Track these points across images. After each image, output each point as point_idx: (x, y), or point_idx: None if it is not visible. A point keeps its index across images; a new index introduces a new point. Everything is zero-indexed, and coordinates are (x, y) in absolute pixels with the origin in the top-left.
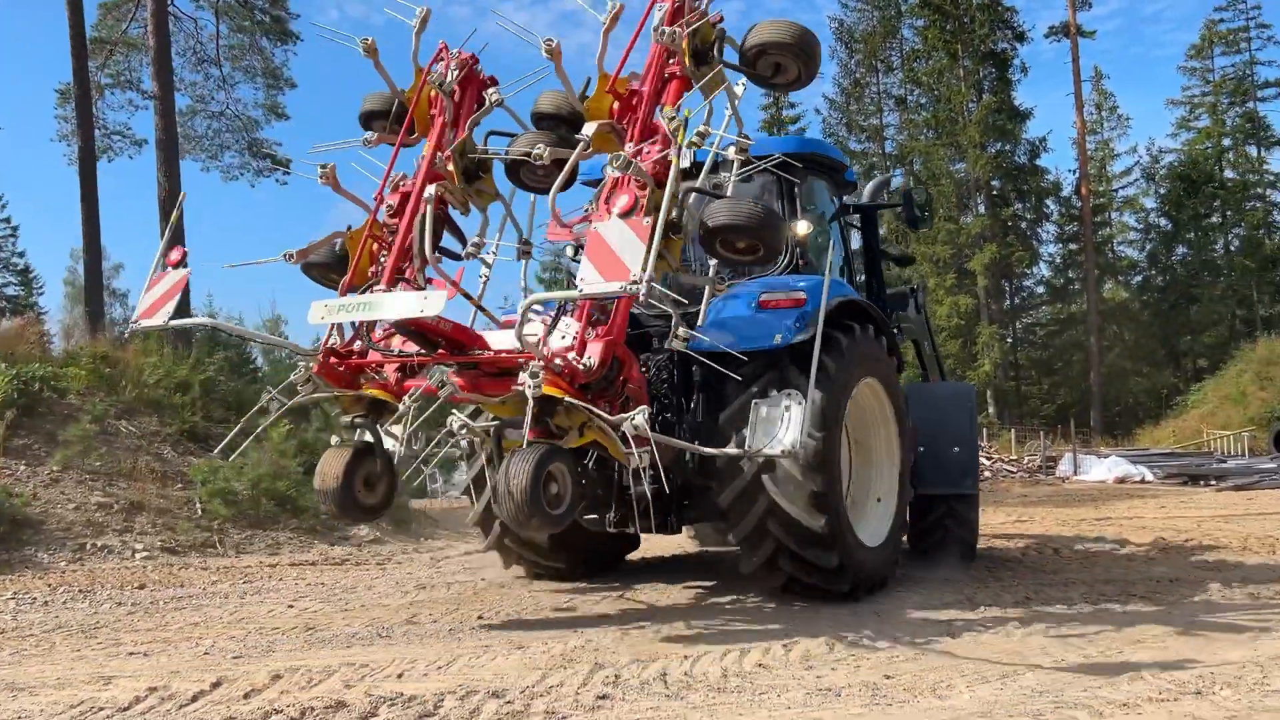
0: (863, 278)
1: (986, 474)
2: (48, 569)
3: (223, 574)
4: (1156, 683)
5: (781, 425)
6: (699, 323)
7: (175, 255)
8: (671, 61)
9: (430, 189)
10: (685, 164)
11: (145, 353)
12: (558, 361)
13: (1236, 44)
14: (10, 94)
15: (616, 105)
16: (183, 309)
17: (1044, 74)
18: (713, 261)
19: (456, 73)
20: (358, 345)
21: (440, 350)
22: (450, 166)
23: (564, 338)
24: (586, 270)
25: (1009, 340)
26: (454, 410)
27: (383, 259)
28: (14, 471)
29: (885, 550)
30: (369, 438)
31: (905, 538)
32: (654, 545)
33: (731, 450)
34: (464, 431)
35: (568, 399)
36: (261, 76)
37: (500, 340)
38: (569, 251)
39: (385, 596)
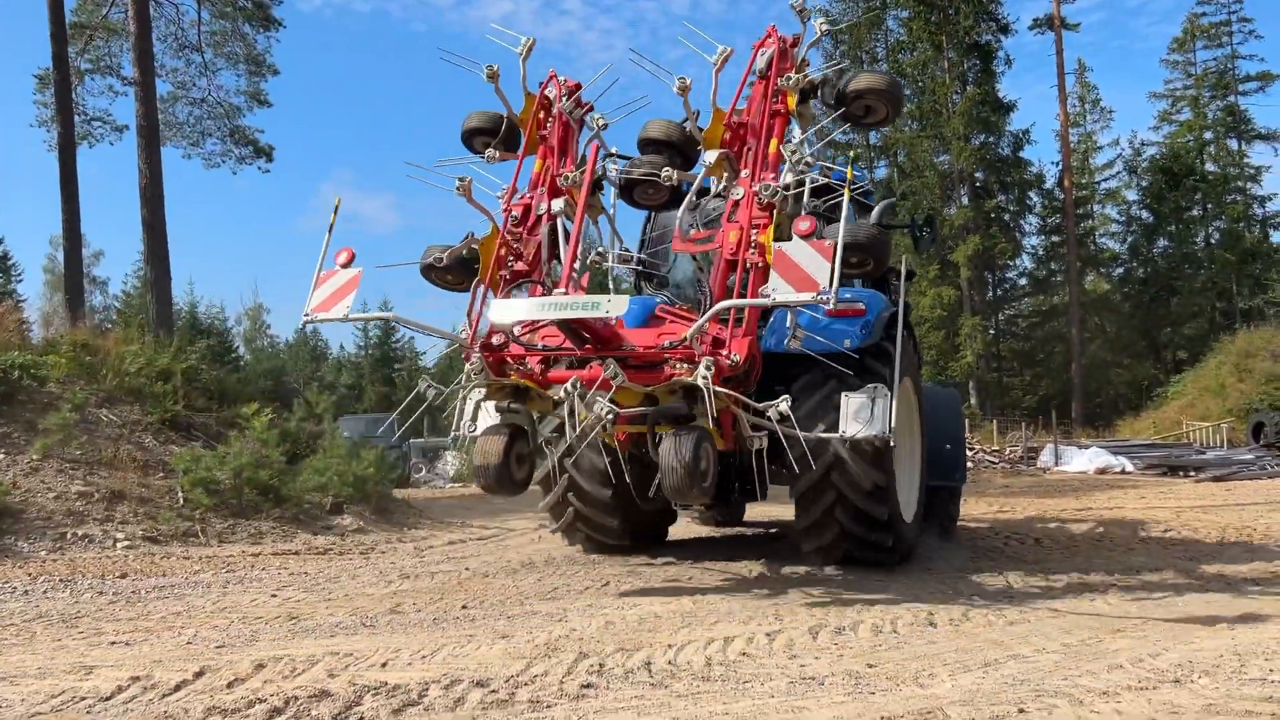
0: None
1: (970, 465)
2: (28, 558)
3: (205, 563)
4: (1136, 671)
5: (873, 414)
6: (789, 326)
7: (344, 256)
8: (776, 100)
9: (558, 203)
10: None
11: (126, 341)
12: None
13: (1218, 38)
14: None
15: (728, 135)
16: (164, 293)
17: (1028, 66)
18: None
19: (568, 98)
20: (495, 340)
21: (587, 345)
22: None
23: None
24: (777, 282)
25: (991, 332)
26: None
27: (510, 264)
28: None
29: (914, 525)
30: (522, 421)
31: None
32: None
33: (827, 434)
34: (611, 417)
35: (715, 388)
36: (244, 63)
37: (639, 337)
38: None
39: (369, 586)
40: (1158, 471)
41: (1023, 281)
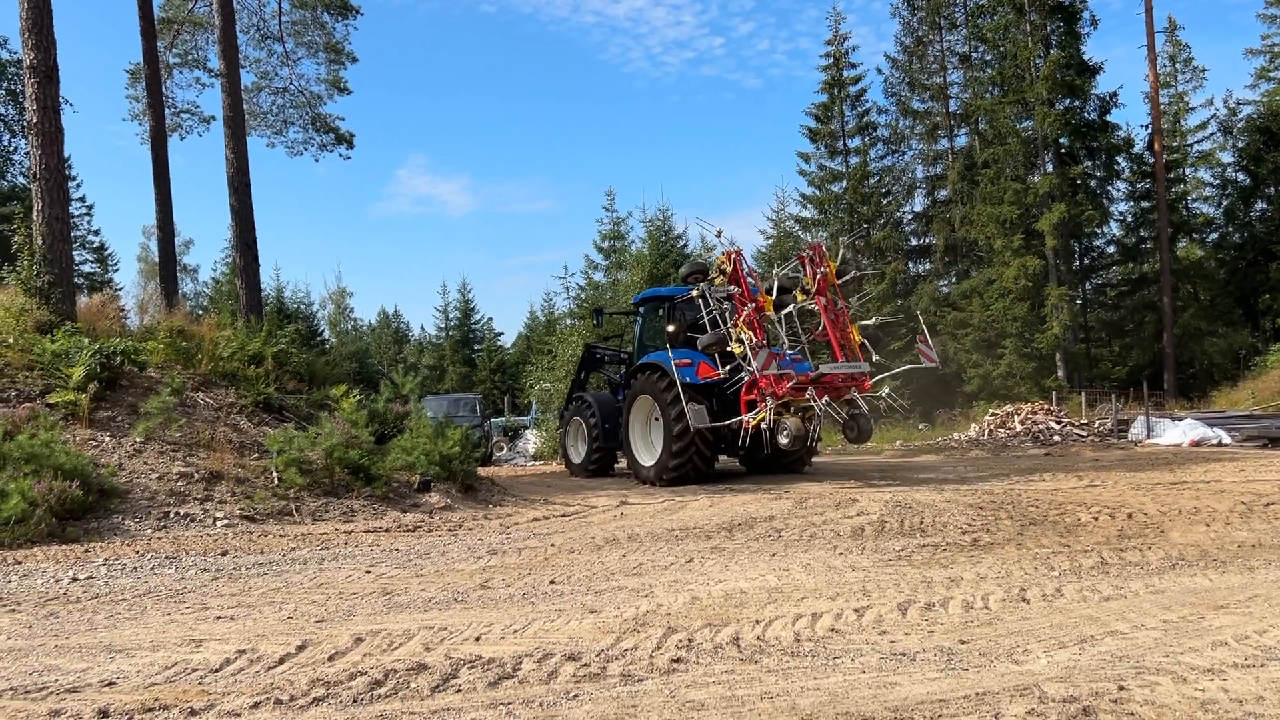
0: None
1: (1056, 438)
2: (134, 536)
3: (301, 541)
4: (1241, 648)
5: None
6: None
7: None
8: (825, 275)
9: (772, 314)
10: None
11: (219, 326)
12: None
13: None
14: (82, 74)
15: (814, 289)
16: (253, 279)
17: (1114, 26)
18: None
19: (749, 265)
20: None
21: (822, 379)
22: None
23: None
24: (924, 359)
25: (1079, 302)
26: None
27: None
28: (100, 443)
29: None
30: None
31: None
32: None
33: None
34: (828, 407)
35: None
36: (324, 51)
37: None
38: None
39: (458, 562)
40: (1257, 444)
41: (1111, 250)
